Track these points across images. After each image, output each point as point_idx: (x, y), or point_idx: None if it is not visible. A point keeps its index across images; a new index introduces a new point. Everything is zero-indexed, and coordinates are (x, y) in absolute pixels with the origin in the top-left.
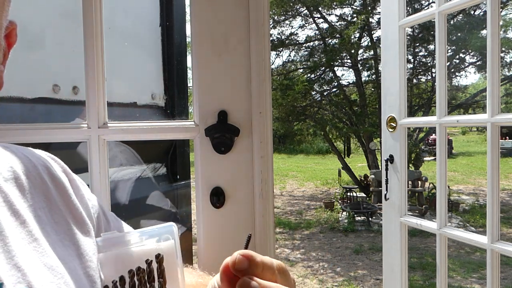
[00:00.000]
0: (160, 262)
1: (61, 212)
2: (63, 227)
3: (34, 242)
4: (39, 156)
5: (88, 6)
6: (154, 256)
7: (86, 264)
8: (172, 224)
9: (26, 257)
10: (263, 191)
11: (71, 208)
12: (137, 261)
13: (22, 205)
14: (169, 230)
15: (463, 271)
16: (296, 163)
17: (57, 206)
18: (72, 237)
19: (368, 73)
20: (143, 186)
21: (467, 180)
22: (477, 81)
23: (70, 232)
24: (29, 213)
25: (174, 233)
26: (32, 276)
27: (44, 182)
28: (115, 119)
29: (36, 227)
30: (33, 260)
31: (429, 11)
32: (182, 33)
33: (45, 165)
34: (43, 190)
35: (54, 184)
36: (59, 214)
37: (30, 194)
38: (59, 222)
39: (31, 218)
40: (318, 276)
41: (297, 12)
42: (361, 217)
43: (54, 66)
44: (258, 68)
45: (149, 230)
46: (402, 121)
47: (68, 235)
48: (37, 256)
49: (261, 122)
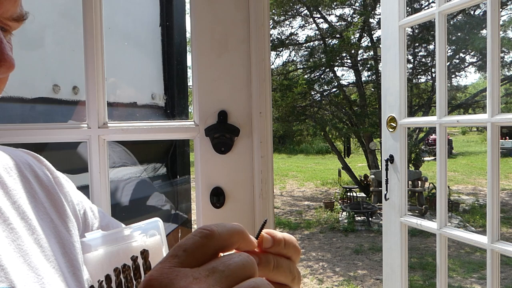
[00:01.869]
0: (146, 257)
1: (45, 209)
2: (48, 224)
3: (17, 240)
4: (21, 154)
5: (88, 6)
6: (139, 252)
7: (71, 263)
8: (157, 219)
9: (9, 256)
10: (263, 191)
11: (55, 206)
12: (123, 259)
13: (5, 203)
14: (155, 226)
15: (463, 271)
16: (296, 163)
17: (41, 204)
18: (57, 235)
19: (368, 73)
20: (143, 186)
21: (467, 180)
22: (477, 81)
23: (55, 230)
24: (13, 211)
25: (160, 228)
26: (15, 276)
27: (27, 180)
28: (115, 119)
29: (20, 225)
30: (16, 259)
31: (429, 11)
32: (182, 33)
33: (27, 163)
34: (27, 187)
35: (38, 181)
36: (43, 212)
37: (14, 191)
38: (44, 219)
39: (14, 216)
40: (318, 276)
41: (297, 12)
42: (361, 217)
43: (54, 66)
44: (258, 68)
45: (135, 226)
46: (402, 121)
47: (53, 232)
48: (21, 254)
49: (261, 122)
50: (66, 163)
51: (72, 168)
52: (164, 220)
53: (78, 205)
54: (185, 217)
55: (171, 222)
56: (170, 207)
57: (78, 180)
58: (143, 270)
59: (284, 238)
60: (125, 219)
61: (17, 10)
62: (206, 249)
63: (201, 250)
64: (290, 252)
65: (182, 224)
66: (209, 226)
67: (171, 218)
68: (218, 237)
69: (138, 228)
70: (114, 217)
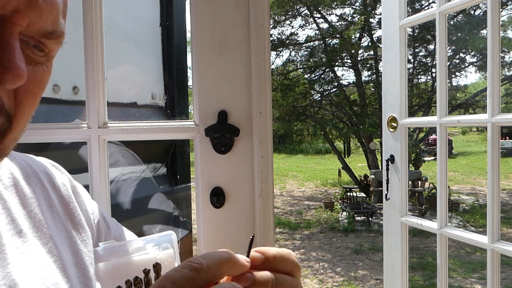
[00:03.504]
0: (158, 271)
1: (61, 219)
2: (63, 234)
3: (29, 252)
4: (40, 163)
5: (88, 6)
6: (151, 265)
7: (83, 273)
8: (171, 232)
9: (20, 267)
10: (263, 191)
11: (71, 216)
12: (135, 271)
13: (20, 213)
14: (168, 239)
15: (464, 271)
16: (296, 163)
17: (57, 213)
18: (71, 245)
19: (368, 73)
20: (143, 186)
21: (467, 180)
22: (477, 81)
23: (69, 240)
24: (28, 221)
25: (174, 242)
26: (24, 287)
27: (44, 188)
28: (115, 119)
29: (35, 235)
30: (27, 271)
31: (430, 11)
32: (182, 33)
33: (46, 172)
34: (44, 196)
35: (55, 191)
36: (59, 221)
37: (32, 199)
38: (59, 228)
39: (29, 227)
40: (318, 276)
41: (297, 12)
42: (361, 217)
43: (54, 66)
44: (258, 68)
45: (148, 238)
46: (402, 121)
47: (67, 242)
48: (31, 266)
49: (261, 122)
50: (67, 163)
51: (72, 168)
52: (164, 220)
53: (92, 214)
54: (184, 215)
55: (171, 222)
56: (170, 207)
57: (78, 180)
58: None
59: (280, 253)
60: (126, 219)
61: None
62: (195, 283)
63: (190, 283)
64: (288, 268)
65: (182, 224)
66: (198, 258)
67: (171, 217)
68: (207, 270)
69: (151, 241)
70: (115, 217)
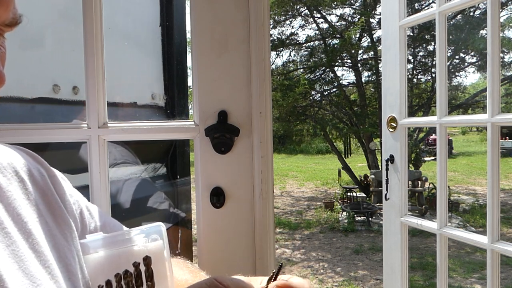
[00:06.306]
0: (148, 264)
1: (40, 212)
2: (43, 227)
3: (12, 245)
4: (15, 153)
5: (88, 6)
6: (141, 258)
7: (66, 268)
8: (160, 224)
9: (4, 262)
10: (263, 191)
11: (51, 208)
12: (124, 264)
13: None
14: (157, 230)
15: (463, 271)
16: (296, 163)
17: (36, 206)
18: (52, 239)
19: (368, 73)
20: (143, 186)
21: (467, 180)
22: (477, 81)
23: (50, 233)
24: (7, 214)
25: (162, 233)
26: (10, 283)
27: (22, 181)
28: (115, 119)
29: (15, 229)
30: (11, 265)
31: (429, 11)
32: (182, 33)
33: (23, 162)
34: (21, 189)
35: (32, 182)
36: (38, 214)
37: (9, 193)
38: (39, 222)
39: (9, 220)
40: (318, 276)
41: (297, 12)
42: (361, 217)
43: (54, 66)
44: (258, 68)
45: (137, 229)
46: (402, 121)
47: (48, 236)
48: (15, 260)
49: (261, 122)
50: (67, 163)
51: (72, 168)
52: (164, 220)
53: (74, 205)
54: (184, 215)
55: (171, 222)
56: (169, 205)
57: (78, 180)
58: (145, 277)
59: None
60: (126, 219)
61: (10, 16)
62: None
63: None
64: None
65: (183, 224)
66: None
67: (171, 217)
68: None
69: (140, 232)
70: (115, 217)
